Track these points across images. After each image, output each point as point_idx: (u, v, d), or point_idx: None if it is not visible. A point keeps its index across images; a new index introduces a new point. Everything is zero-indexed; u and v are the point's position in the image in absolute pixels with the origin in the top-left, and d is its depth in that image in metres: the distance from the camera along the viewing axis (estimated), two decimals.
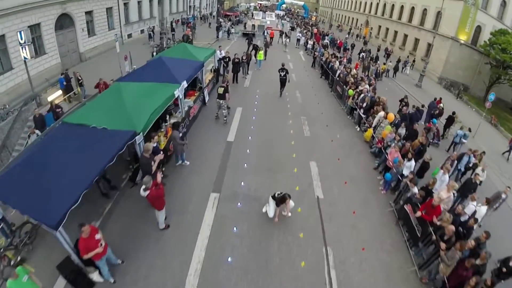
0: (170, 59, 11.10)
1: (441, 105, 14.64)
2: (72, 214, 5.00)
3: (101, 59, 20.18)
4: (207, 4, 49.81)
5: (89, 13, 19.93)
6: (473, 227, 6.82)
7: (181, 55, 12.17)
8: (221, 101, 11.57)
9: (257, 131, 11.61)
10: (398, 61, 28.29)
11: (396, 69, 25.06)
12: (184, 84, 10.14)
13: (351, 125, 13.49)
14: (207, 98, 13.61)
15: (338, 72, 16.50)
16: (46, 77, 15.72)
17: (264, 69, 19.80)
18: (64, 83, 13.71)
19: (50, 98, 12.60)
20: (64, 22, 17.82)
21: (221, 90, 11.44)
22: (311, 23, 46.11)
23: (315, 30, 37.60)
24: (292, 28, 40.60)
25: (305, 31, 36.58)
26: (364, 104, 12.35)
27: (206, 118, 12.35)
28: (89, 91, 13.51)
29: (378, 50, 31.22)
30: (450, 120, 13.96)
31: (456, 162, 9.98)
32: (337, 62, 18.13)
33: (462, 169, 10.16)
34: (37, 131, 9.92)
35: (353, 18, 52.60)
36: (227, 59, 16.45)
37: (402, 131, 10.53)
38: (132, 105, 7.45)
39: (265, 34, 27.36)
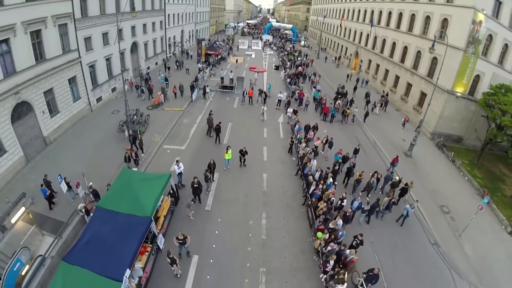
0: (106, 223, 9.56)
1: (397, 177, 15.57)
2: None
3: (67, 140, 18.14)
4: (189, 36, 47.33)
5: (49, 91, 17.54)
6: None
7: (123, 207, 10.09)
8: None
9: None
10: (368, 101, 27.37)
11: (366, 115, 24.61)
12: (126, 281, 7.89)
13: None
14: (162, 245, 10.90)
15: (312, 188, 13.58)
16: (7, 198, 12.57)
17: (232, 168, 16.49)
18: (48, 192, 12.35)
19: (13, 220, 10.82)
20: (21, 110, 15.38)
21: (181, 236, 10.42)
22: (300, 59, 44.08)
23: (300, 69, 35.83)
24: (277, 68, 39.18)
25: (287, 70, 35.84)
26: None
27: (161, 272, 10.30)
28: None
29: (383, 100, 29.07)
30: (404, 191, 14.97)
31: None
32: (312, 178, 13.93)
33: None
34: None
35: (342, 46, 50.66)
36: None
37: None
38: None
39: (244, 94, 25.90)
